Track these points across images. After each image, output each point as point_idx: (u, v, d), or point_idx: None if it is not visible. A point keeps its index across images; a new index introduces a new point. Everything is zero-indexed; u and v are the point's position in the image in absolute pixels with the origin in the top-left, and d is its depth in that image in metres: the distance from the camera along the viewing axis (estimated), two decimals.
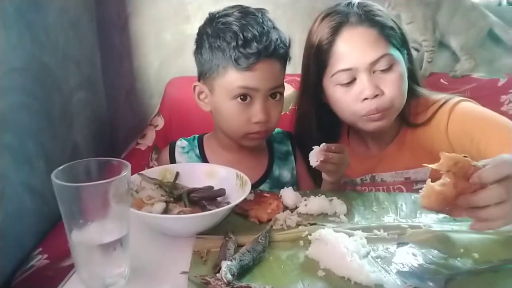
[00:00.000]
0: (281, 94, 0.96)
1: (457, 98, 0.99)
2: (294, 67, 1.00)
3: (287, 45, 0.95)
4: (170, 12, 1.58)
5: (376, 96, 0.92)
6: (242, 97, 0.91)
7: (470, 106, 0.98)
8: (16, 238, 0.99)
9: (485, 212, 0.61)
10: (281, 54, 0.93)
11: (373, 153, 1.07)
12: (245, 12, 0.93)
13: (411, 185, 1.01)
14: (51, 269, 0.96)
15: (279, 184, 0.90)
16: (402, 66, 0.95)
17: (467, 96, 1.04)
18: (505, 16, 1.50)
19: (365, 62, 0.91)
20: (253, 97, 0.92)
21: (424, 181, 0.65)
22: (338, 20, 0.94)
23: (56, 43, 1.21)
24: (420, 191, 0.64)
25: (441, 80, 1.48)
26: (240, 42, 0.88)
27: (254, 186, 1.00)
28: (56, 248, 1.00)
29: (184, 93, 1.47)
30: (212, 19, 0.94)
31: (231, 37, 0.89)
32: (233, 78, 0.90)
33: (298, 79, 1.08)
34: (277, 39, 0.91)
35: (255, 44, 0.88)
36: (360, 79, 0.92)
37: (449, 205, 0.62)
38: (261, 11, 0.94)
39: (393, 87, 0.93)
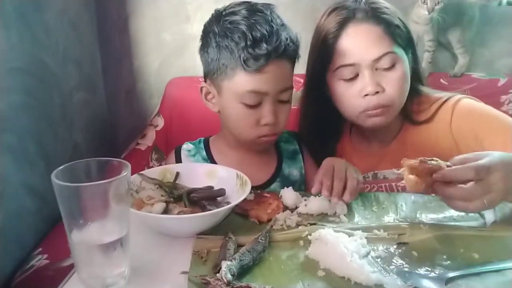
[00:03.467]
0: (290, 95, 0.94)
1: (459, 95, 0.99)
2: (295, 67, 1.00)
3: (297, 44, 0.92)
4: (170, 12, 1.58)
5: (377, 93, 0.92)
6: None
7: (473, 103, 0.98)
8: (16, 238, 0.99)
9: (454, 189, 0.67)
10: (290, 54, 0.91)
11: (375, 151, 1.07)
12: (252, 9, 0.89)
13: None
14: (51, 269, 0.96)
15: (289, 183, 0.90)
16: (405, 65, 0.95)
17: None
18: (505, 16, 1.50)
19: (368, 58, 0.92)
20: (262, 101, 0.90)
21: None
22: (345, 15, 0.95)
23: (56, 43, 1.21)
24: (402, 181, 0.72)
25: (441, 80, 1.48)
26: (249, 43, 0.85)
27: (265, 185, 1.00)
28: (56, 248, 1.00)
29: (184, 93, 1.47)
30: (219, 17, 0.91)
31: (240, 37, 0.86)
32: (242, 82, 0.88)
33: (299, 79, 1.08)
34: (286, 39, 0.88)
35: (264, 45, 0.85)
36: (362, 75, 0.93)
37: (426, 187, 0.70)
38: (269, 7, 0.91)
39: (394, 85, 0.93)
